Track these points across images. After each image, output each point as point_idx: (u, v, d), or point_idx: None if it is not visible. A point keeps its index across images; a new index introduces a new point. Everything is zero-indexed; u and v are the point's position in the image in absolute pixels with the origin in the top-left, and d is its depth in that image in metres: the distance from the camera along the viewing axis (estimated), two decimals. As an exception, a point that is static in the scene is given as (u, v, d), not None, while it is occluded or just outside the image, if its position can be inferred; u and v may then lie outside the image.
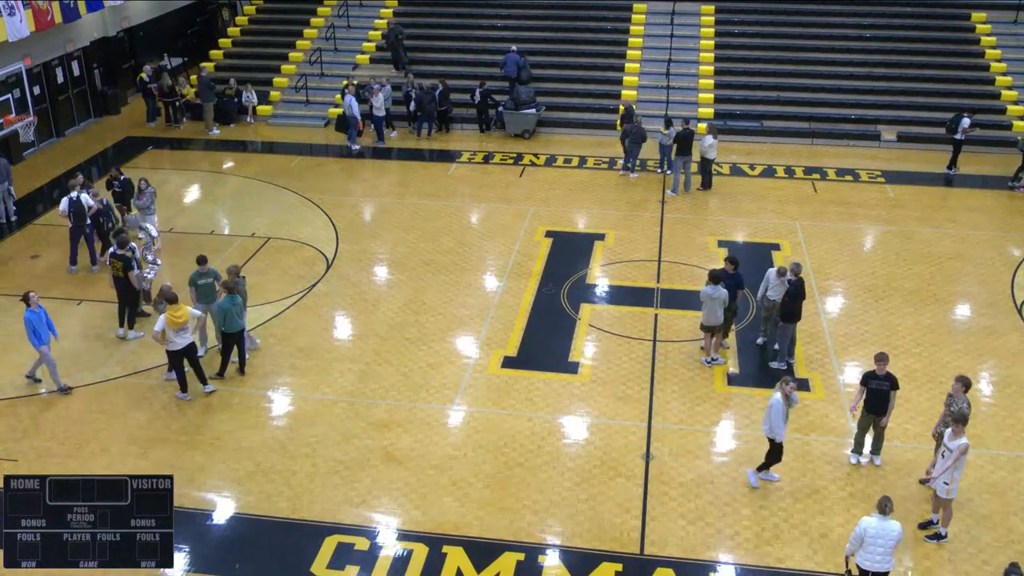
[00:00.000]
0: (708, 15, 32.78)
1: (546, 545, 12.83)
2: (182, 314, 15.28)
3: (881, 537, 11.19)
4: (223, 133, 29.44)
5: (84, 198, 20.02)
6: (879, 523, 11.20)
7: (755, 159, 27.08)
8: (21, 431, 15.13)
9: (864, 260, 21.06)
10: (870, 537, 11.21)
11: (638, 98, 29.82)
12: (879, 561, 11.30)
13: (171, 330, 15.21)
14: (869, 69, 30.33)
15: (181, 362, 15.71)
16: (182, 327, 15.32)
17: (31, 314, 15.57)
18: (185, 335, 15.47)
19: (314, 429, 15.17)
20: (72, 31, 28.74)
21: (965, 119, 25.43)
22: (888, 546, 11.22)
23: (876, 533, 11.19)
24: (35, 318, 15.57)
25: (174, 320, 15.15)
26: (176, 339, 15.37)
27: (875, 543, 11.22)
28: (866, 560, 11.35)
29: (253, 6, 36.07)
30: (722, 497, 13.68)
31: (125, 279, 17.32)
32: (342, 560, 12.53)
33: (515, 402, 15.88)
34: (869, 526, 11.21)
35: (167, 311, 15.21)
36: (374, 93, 27.74)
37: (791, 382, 13.42)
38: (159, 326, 15.23)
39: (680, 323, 18.24)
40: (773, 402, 13.36)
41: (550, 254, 21.15)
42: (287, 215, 23.26)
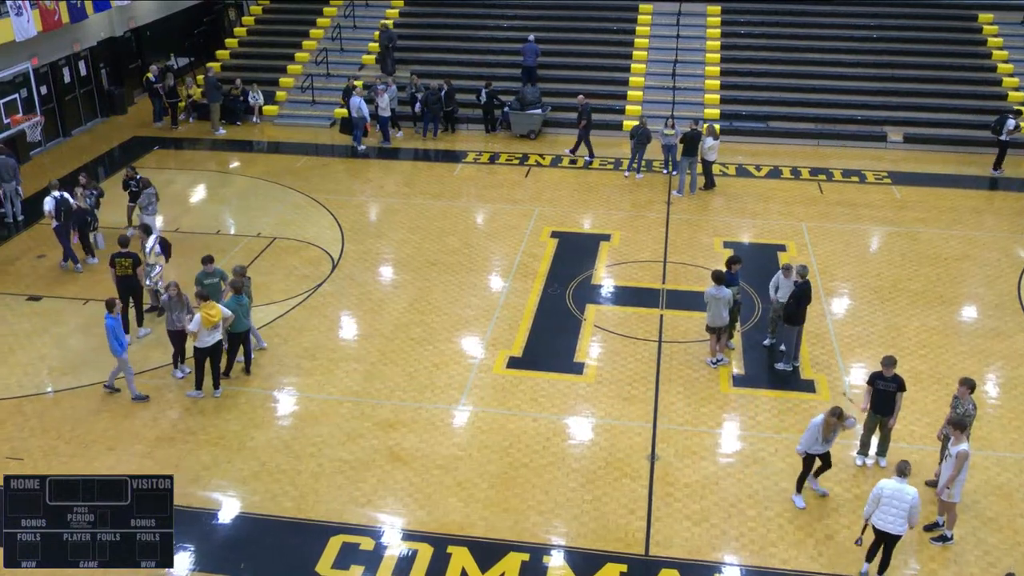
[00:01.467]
0: (714, 15, 32.78)
1: (551, 546, 12.82)
2: (216, 312, 15.30)
3: (896, 499, 11.54)
4: (229, 133, 29.49)
5: (67, 197, 20.20)
6: (896, 485, 11.58)
7: (761, 160, 27.05)
8: (28, 430, 15.16)
9: (870, 261, 21.02)
10: (886, 497, 11.59)
11: (644, 99, 29.85)
12: (891, 523, 11.65)
13: (204, 328, 15.24)
14: (876, 70, 30.30)
15: (205, 360, 15.72)
16: (215, 325, 15.34)
17: (113, 321, 15.40)
18: (215, 333, 15.48)
19: (319, 429, 15.18)
20: (79, 31, 28.80)
21: (1011, 120, 25.35)
22: (902, 508, 11.52)
23: (891, 494, 11.56)
24: (117, 325, 15.44)
25: (208, 318, 15.16)
26: (206, 337, 15.39)
27: (890, 503, 11.57)
28: (879, 520, 11.71)
29: (259, 6, 36.15)
30: (727, 498, 13.66)
31: (133, 276, 17.38)
32: (347, 560, 12.53)
33: (520, 402, 15.88)
34: (886, 486, 11.61)
35: (202, 308, 15.21)
36: (379, 94, 27.76)
37: (846, 417, 13.06)
38: (194, 325, 15.24)
39: (685, 324, 18.23)
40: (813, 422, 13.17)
41: (555, 255, 21.14)
42: (293, 215, 23.29)
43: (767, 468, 14.28)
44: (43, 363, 17.03)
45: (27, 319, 18.49)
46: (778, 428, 15.22)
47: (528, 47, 29.66)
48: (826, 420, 12.93)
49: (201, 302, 15.38)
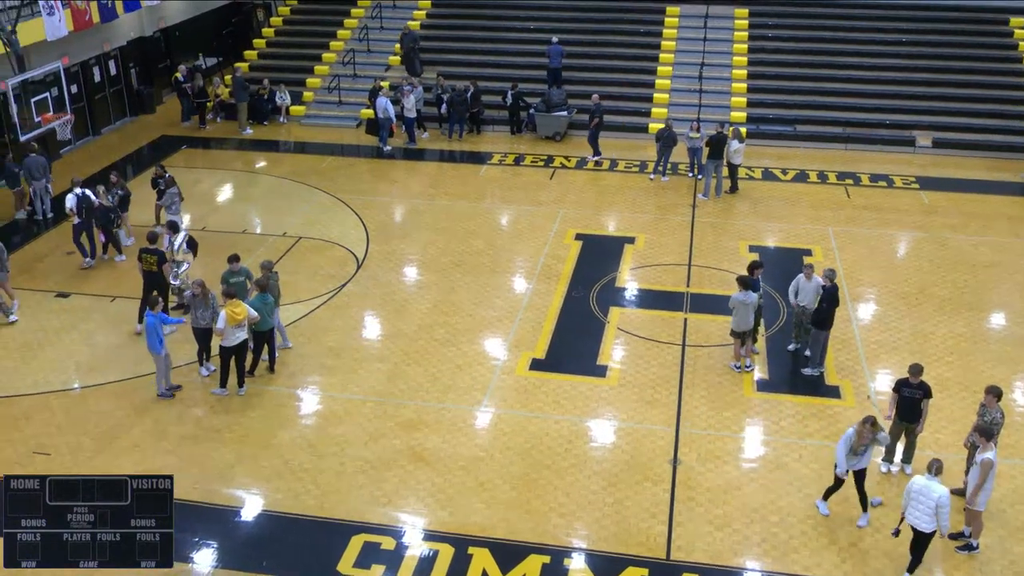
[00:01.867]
0: (742, 18, 32.61)
1: (572, 548, 12.80)
2: (241, 310, 15.36)
3: (923, 495, 11.67)
4: (256, 133, 29.67)
5: (88, 194, 20.49)
6: (925, 481, 11.65)
7: (788, 164, 26.89)
8: (55, 425, 15.32)
9: (897, 267, 20.85)
10: (914, 493, 11.72)
11: (670, 101, 29.74)
12: (918, 519, 11.74)
13: (229, 326, 15.34)
14: (905, 74, 30.05)
15: (230, 359, 15.79)
16: (239, 323, 15.42)
17: (154, 319, 15.49)
18: (240, 332, 15.56)
19: (342, 428, 15.24)
20: (109, 31, 29.09)
21: None
22: (928, 505, 11.54)
23: (919, 490, 11.66)
24: (158, 323, 15.52)
25: (233, 316, 15.24)
26: (231, 335, 15.46)
27: (918, 499, 11.67)
28: (909, 515, 11.84)
29: (287, 7, 36.36)
30: (749, 503, 13.59)
31: (158, 273, 17.55)
32: (368, 559, 12.57)
33: (543, 404, 15.87)
34: (916, 482, 11.74)
35: (226, 307, 15.30)
36: (405, 95, 27.84)
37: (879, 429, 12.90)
38: (221, 323, 15.34)
39: (709, 327, 18.15)
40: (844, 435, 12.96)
41: (580, 257, 21.12)
42: (318, 215, 23.40)
43: (790, 474, 14.19)
44: (70, 359, 17.20)
45: (55, 315, 18.69)
46: (802, 434, 15.12)
47: (553, 48, 29.68)
48: (859, 430, 12.69)
49: (226, 300, 15.47)
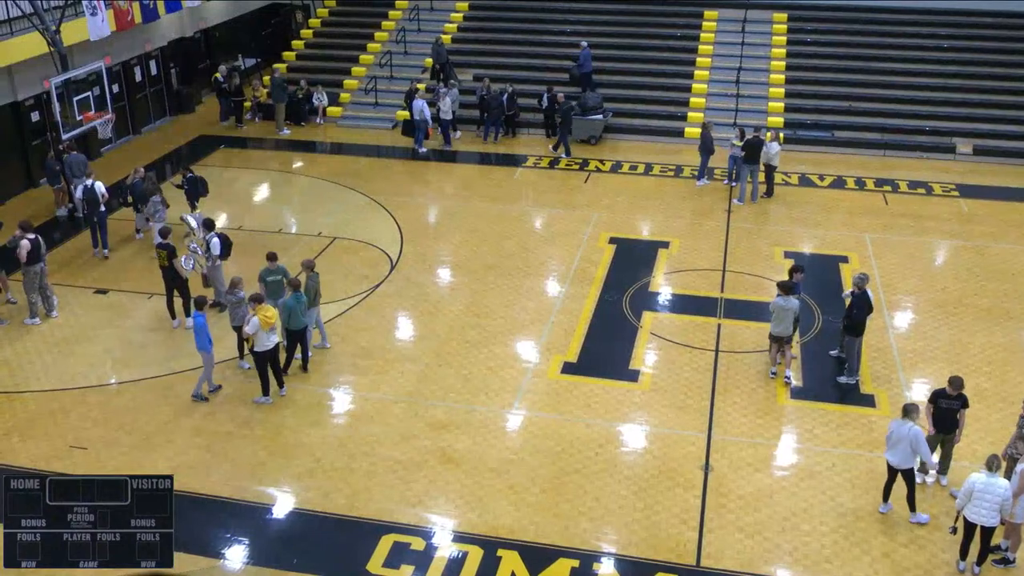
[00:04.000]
0: (780, 23, 32.40)
1: (601, 553, 12.76)
2: (272, 314, 15.41)
3: (988, 492, 11.77)
4: (293, 133, 29.90)
5: (98, 186, 20.94)
6: (987, 479, 11.80)
7: (825, 169, 26.66)
8: (91, 420, 15.51)
9: (935, 275, 20.59)
10: (977, 492, 11.83)
11: (707, 105, 29.59)
12: (984, 516, 11.88)
13: (263, 331, 15.36)
14: (945, 80, 29.68)
15: (266, 365, 15.78)
16: (272, 327, 15.46)
17: (203, 318, 15.64)
18: (273, 336, 15.61)
19: (373, 428, 15.30)
20: (151, 31, 29.47)
21: None
22: (994, 502, 11.77)
23: (983, 488, 11.80)
24: (205, 322, 15.66)
25: (265, 320, 15.28)
26: (265, 340, 15.49)
27: (982, 498, 11.82)
28: (972, 513, 11.95)
29: (326, 9, 36.60)
30: (781, 512, 13.47)
31: (171, 267, 17.81)
32: (397, 559, 12.60)
33: (574, 408, 15.84)
34: (977, 481, 11.86)
35: (257, 311, 15.32)
36: (441, 97, 27.92)
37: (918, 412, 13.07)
38: (251, 327, 15.40)
39: (743, 334, 18.02)
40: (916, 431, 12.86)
41: (613, 261, 21.06)
42: (353, 215, 23.52)
43: (823, 482, 14.05)
44: (107, 355, 17.43)
45: (93, 312, 18.94)
46: (835, 442, 14.97)
47: (585, 53, 29.65)
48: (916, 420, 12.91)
49: (255, 305, 15.42)
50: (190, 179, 21.98)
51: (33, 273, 18.02)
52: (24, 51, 22.86)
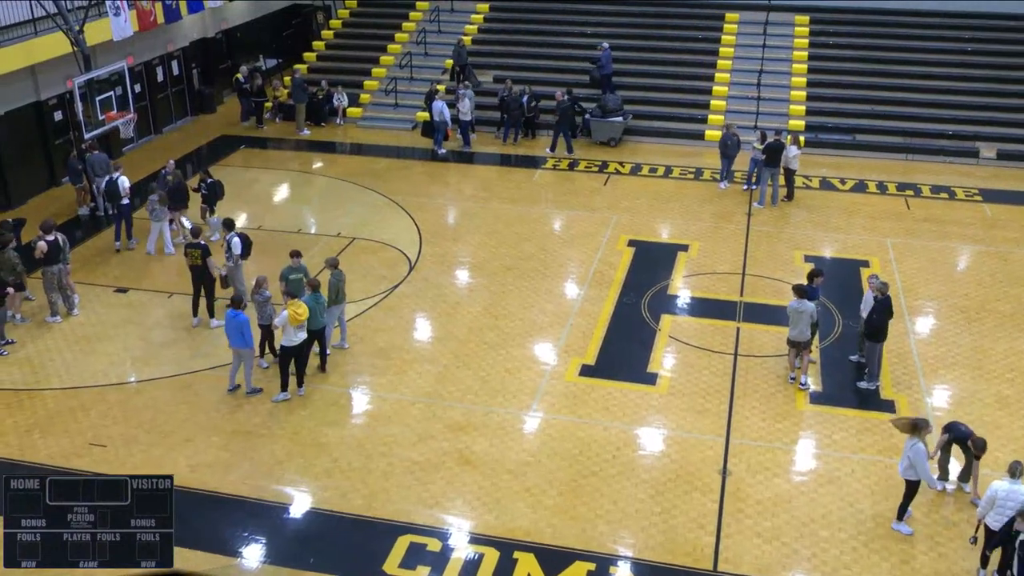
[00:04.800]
0: (802, 25, 32.21)
1: (617, 556, 12.72)
2: (303, 311, 15.43)
3: (1011, 499, 11.66)
4: (313, 134, 29.98)
5: (122, 180, 21.19)
6: (1009, 486, 11.76)
7: (846, 173, 26.49)
8: (111, 418, 15.60)
9: (957, 280, 20.43)
10: (1000, 499, 11.74)
11: (727, 108, 29.46)
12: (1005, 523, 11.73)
13: (291, 326, 15.43)
14: (969, 83, 29.44)
15: (290, 360, 15.84)
16: (301, 324, 15.50)
17: (243, 315, 15.65)
18: (301, 332, 15.65)
19: (391, 429, 15.31)
20: (173, 32, 29.61)
21: None
22: (1017, 509, 11.54)
23: (1006, 496, 11.71)
24: (246, 320, 15.68)
25: (295, 316, 15.32)
26: (293, 335, 15.54)
27: (1004, 505, 11.69)
28: (995, 521, 11.82)
29: (346, 10, 36.69)
30: (799, 517, 13.39)
31: (203, 266, 17.90)
32: (414, 560, 12.61)
33: (592, 411, 15.80)
34: (1000, 488, 11.80)
35: (288, 307, 15.40)
36: (461, 98, 27.93)
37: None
38: (280, 321, 15.50)
39: (763, 338, 17.93)
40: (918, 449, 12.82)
41: (632, 263, 21.00)
42: (372, 216, 23.56)
43: (842, 488, 13.96)
44: (127, 353, 17.52)
45: (114, 310, 19.04)
46: (855, 448, 14.87)
47: (606, 54, 29.61)
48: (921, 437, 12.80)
49: (288, 299, 15.58)
50: (209, 184, 22.04)
51: (51, 274, 18.13)
52: (48, 51, 23.01)
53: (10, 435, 15.12)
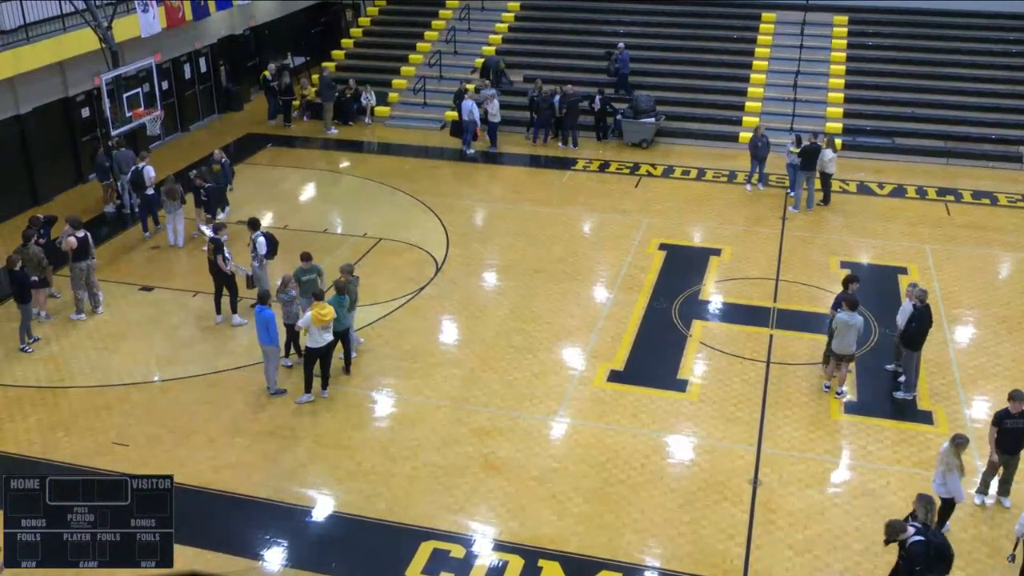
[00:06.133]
0: (841, 25, 31.64)
1: (644, 566, 12.43)
2: (328, 312, 15.27)
3: None
4: (341, 133, 29.85)
5: (147, 170, 21.29)
6: None
7: (884, 177, 25.96)
8: (134, 417, 15.49)
9: (999, 288, 19.89)
10: None
11: (763, 110, 28.97)
12: None
13: (316, 327, 15.29)
14: (1012, 87, 28.77)
15: (315, 361, 15.69)
16: (326, 325, 15.34)
17: (269, 312, 15.52)
18: (327, 334, 15.50)
19: (415, 432, 15.08)
20: (201, 29, 29.59)
21: None
22: None
23: None
24: (272, 317, 15.55)
25: (319, 317, 15.17)
26: (318, 336, 15.39)
27: None
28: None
29: (376, 7, 36.58)
30: (832, 530, 13.01)
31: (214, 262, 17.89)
32: (437, 566, 12.37)
33: (620, 417, 15.48)
34: None
35: (313, 308, 15.27)
36: (489, 99, 27.66)
37: None
38: (303, 322, 15.37)
39: (796, 345, 17.52)
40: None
41: (663, 267, 20.63)
42: (399, 216, 23.35)
43: (877, 501, 13.56)
44: (151, 352, 17.42)
45: (139, 308, 18.96)
46: (890, 460, 14.45)
47: (623, 56, 29.30)
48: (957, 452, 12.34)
49: (314, 301, 15.42)
50: (208, 189, 21.86)
51: (79, 270, 18.11)
52: (76, 47, 23.01)
53: (33, 433, 15.06)
